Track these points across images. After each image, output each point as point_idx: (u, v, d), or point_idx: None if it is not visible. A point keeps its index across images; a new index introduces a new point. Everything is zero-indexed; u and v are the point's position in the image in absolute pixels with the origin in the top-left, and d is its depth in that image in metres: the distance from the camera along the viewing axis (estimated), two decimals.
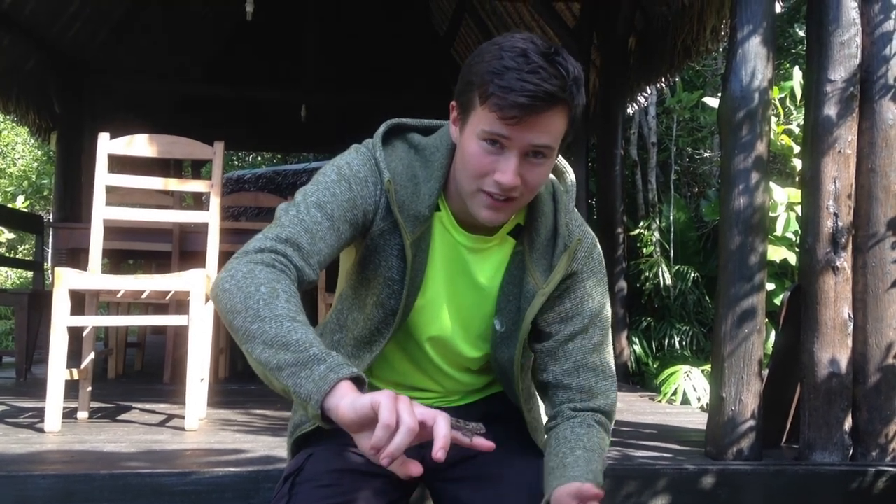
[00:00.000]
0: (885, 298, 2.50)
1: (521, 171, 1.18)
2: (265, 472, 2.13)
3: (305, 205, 1.23)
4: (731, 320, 2.50)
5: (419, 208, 1.28)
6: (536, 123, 1.15)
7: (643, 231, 6.95)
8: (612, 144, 5.37)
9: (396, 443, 0.93)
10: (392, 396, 0.96)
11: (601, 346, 1.36)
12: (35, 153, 15.88)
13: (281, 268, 1.16)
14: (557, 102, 1.15)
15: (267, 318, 1.07)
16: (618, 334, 5.19)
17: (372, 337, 1.34)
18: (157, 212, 3.38)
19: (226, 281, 1.14)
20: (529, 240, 1.32)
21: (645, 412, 3.67)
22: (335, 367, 1.02)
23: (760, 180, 2.52)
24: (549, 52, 1.15)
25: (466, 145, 1.21)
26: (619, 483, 2.29)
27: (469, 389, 1.45)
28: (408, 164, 1.30)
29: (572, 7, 6.22)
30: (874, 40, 2.53)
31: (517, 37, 1.17)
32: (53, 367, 2.63)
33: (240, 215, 9.84)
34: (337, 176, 1.26)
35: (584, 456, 1.24)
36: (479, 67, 1.17)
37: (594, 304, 1.34)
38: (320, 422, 1.02)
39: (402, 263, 1.29)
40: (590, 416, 1.32)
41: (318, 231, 1.21)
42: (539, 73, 1.12)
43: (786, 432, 2.79)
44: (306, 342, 1.05)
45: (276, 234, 1.20)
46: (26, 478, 2.03)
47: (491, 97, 1.14)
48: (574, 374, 1.33)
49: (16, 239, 15.09)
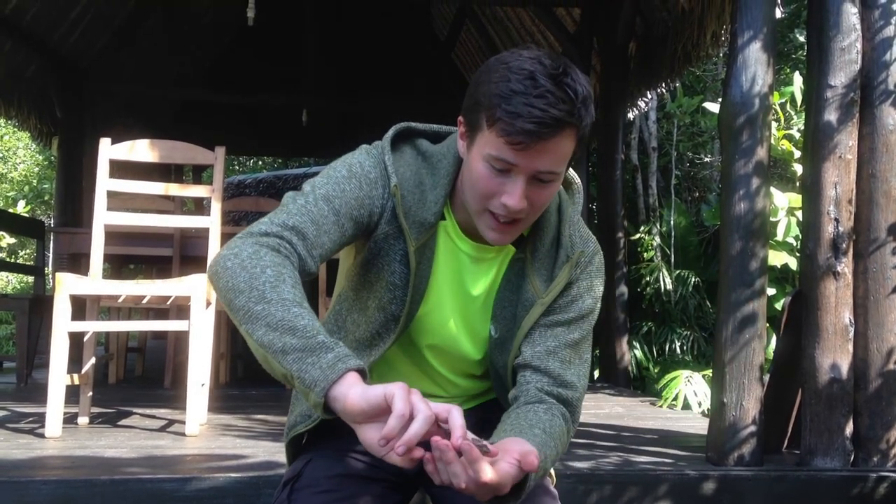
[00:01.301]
0: (885, 304, 2.50)
1: (528, 193, 1.18)
2: (266, 477, 2.13)
3: (314, 196, 1.23)
4: (732, 325, 2.50)
5: (425, 215, 1.28)
6: (544, 149, 1.14)
7: (644, 236, 6.95)
8: (612, 149, 5.37)
9: (414, 430, 0.93)
10: (405, 388, 0.96)
11: (579, 344, 1.33)
12: (36, 158, 15.90)
13: (286, 253, 1.15)
14: (565, 127, 1.13)
15: (273, 300, 1.06)
16: (618, 339, 5.18)
17: (372, 340, 1.33)
18: (158, 217, 3.39)
19: (228, 259, 1.13)
20: (532, 248, 1.32)
21: (646, 417, 3.66)
22: (343, 356, 1.02)
23: (761, 185, 2.52)
24: (557, 74, 1.13)
25: (474, 165, 1.20)
26: (621, 489, 2.29)
27: (469, 394, 1.45)
28: (415, 171, 1.30)
29: (573, 12, 6.23)
30: (874, 46, 2.53)
31: (525, 55, 1.15)
32: (54, 371, 2.63)
33: (241, 220, 9.82)
34: (348, 173, 1.26)
35: (542, 437, 1.18)
36: (486, 88, 1.16)
37: (583, 305, 1.33)
38: (321, 410, 1.01)
39: (405, 269, 1.28)
40: (556, 406, 1.27)
41: (323, 224, 1.21)
42: (546, 98, 1.11)
43: (787, 438, 2.79)
44: (313, 329, 1.05)
45: (282, 220, 1.19)
46: (27, 483, 2.03)
47: (498, 122, 1.13)
48: (545, 358, 1.29)
49: (17, 244, 15.10)
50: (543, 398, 1.27)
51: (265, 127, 10.28)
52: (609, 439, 2.91)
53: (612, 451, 2.67)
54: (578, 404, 1.31)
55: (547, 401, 1.27)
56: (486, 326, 1.35)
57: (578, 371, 1.32)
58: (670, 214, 7.22)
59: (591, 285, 1.34)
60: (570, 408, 1.30)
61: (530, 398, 1.27)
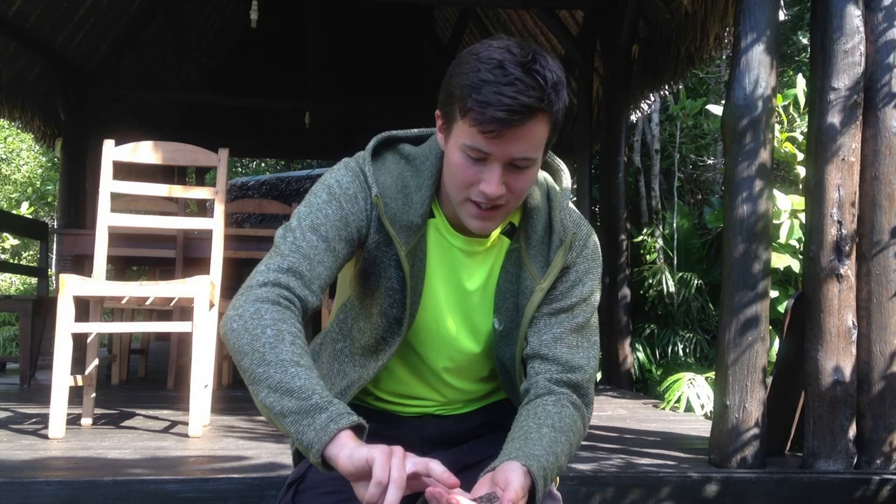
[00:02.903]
0: (888, 306, 2.50)
1: (506, 179, 1.20)
2: (269, 478, 2.13)
3: (301, 229, 1.26)
4: (735, 328, 2.50)
5: (411, 218, 1.29)
6: (516, 136, 1.16)
7: (646, 238, 6.95)
8: (615, 151, 5.37)
9: (390, 499, 0.99)
10: (386, 452, 1.02)
11: (584, 328, 1.34)
12: (40, 160, 15.92)
13: (286, 304, 1.20)
14: (536, 113, 1.15)
15: (272, 362, 1.12)
16: (621, 341, 5.18)
17: (378, 346, 1.34)
18: (161, 218, 3.40)
19: (234, 320, 1.18)
20: (525, 237, 1.33)
21: (648, 419, 3.66)
22: (336, 416, 1.07)
23: (764, 188, 2.52)
24: (526, 61, 1.15)
25: (451, 156, 1.22)
26: (623, 491, 2.29)
27: (470, 398, 1.45)
28: (397, 176, 1.31)
29: (576, 15, 6.23)
30: (878, 48, 2.53)
31: (494, 45, 1.17)
32: (57, 373, 2.64)
33: (243, 222, 9.84)
34: (327, 196, 1.29)
35: (550, 435, 1.20)
36: (458, 80, 1.18)
37: (584, 288, 1.34)
38: (321, 468, 1.07)
39: (400, 273, 1.30)
40: (565, 396, 1.28)
41: (315, 255, 1.24)
42: (516, 86, 1.13)
43: (790, 440, 2.79)
44: (309, 389, 1.10)
45: (277, 264, 1.23)
46: (30, 484, 2.03)
47: (470, 112, 1.15)
48: (551, 346, 1.30)
49: (20, 245, 15.12)
50: (552, 389, 1.28)
51: (268, 129, 10.30)
52: (611, 441, 2.91)
53: (614, 453, 2.67)
54: (589, 386, 1.32)
55: (556, 391, 1.28)
56: (487, 320, 1.36)
57: (587, 354, 1.33)
58: (673, 217, 7.21)
59: (588, 268, 1.35)
60: (581, 391, 1.30)
61: (539, 390, 1.28)
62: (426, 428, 1.42)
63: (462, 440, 1.43)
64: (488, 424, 1.44)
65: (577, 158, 5.92)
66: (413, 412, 1.43)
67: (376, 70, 8.93)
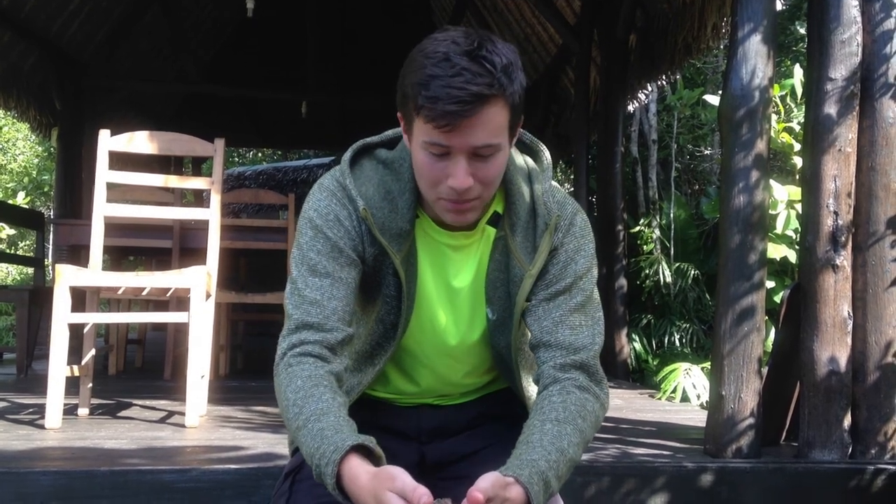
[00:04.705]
0: (884, 297, 2.50)
1: (473, 170, 1.18)
2: (265, 469, 2.13)
3: (301, 277, 1.27)
4: (731, 318, 2.50)
5: (400, 224, 1.29)
6: (472, 125, 1.14)
7: (643, 228, 6.95)
8: (612, 142, 5.37)
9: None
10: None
11: (585, 305, 1.32)
12: (36, 149, 15.88)
13: (310, 360, 1.22)
14: (489, 99, 1.14)
15: (300, 440, 1.16)
16: (617, 331, 5.19)
17: (373, 351, 1.36)
18: (157, 209, 3.39)
19: (277, 390, 1.24)
20: (510, 224, 1.32)
21: (644, 409, 3.67)
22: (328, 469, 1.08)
23: (760, 178, 2.52)
24: (472, 49, 1.14)
25: (416, 156, 1.21)
26: (619, 481, 2.29)
27: (465, 391, 1.46)
28: (378, 183, 1.30)
29: (573, 4, 6.21)
30: (875, 38, 2.53)
31: (439, 38, 1.17)
32: (54, 363, 2.63)
33: (240, 212, 9.84)
34: (312, 231, 1.28)
35: (553, 430, 1.19)
36: (408, 79, 1.18)
37: (577, 266, 1.32)
38: None
39: (397, 280, 1.30)
40: (570, 381, 1.26)
41: (323, 295, 1.25)
42: (463, 76, 1.12)
43: (785, 430, 2.80)
44: (318, 452, 1.11)
45: (287, 329, 1.26)
46: (27, 474, 2.04)
47: (422, 109, 1.14)
48: (553, 331, 1.29)
49: (16, 235, 15.11)
50: (557, 376, 1.27)
51: (265, 120, 10.27)
52: (607, 431, 2.92)
53: (610, 443, 2.67)
54: (595, 362, 1.30)
55: (561, 378, 1.27)
56: (481, 312, 1.36)
57: (591, 331, 1.31)
58: (670, 207, 7.22)
59: (579, 245, 1.33)
60: (588, 370, 1.29)
61: (546, 381, 1.28)
62: (423, 418, 1.43)
63: (459, 430, 1.43)
64: (485, 415, 1.45)
65: (574, 149, 5.92)
66: (410, 402, 1.43)
67: (373, 61, 8.89)
